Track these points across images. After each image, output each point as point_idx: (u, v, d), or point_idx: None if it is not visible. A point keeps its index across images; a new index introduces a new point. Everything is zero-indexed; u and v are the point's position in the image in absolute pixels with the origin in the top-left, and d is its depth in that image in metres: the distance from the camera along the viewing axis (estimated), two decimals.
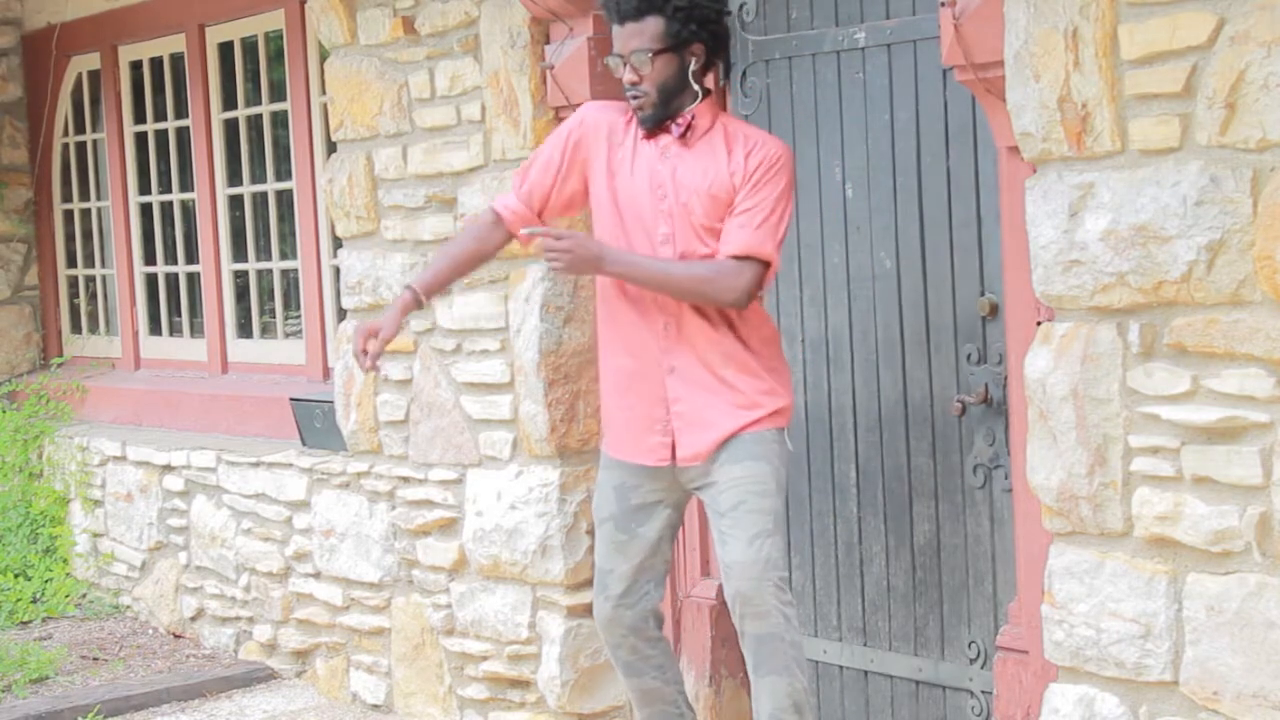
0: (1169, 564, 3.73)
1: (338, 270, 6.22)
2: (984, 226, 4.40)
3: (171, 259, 7.85)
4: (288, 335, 7.17)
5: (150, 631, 7.17)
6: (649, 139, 4.36)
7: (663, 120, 4.32)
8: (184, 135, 7.63)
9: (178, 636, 7.07)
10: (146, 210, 7.99)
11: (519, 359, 5.32)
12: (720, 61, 4.42)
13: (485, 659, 5.53)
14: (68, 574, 7.72)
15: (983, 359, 4.44)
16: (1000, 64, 3.98)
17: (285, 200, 7.06)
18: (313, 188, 6.77)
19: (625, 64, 4.30)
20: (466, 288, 5.48)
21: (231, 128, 7.36)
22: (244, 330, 7.41)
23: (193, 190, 7.55)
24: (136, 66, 7.96)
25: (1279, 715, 3.55)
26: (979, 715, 4.52)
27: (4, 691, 6.30)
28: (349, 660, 6.14)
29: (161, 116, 7.82)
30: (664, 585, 4.51)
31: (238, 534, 6.66)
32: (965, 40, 4.05)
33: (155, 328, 8.01)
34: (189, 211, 7.67)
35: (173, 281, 7.86)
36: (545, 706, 5.37)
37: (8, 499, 7.91)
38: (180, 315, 7.82)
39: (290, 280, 7.11)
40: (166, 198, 7.84)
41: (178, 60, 7.61)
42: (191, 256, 7.68)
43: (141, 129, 7.95)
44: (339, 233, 6.04)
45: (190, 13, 7.41)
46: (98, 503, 7.55)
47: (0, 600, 7.42)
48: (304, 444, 6.40)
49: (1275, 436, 3.53)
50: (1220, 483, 3.62)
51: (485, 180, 5.40)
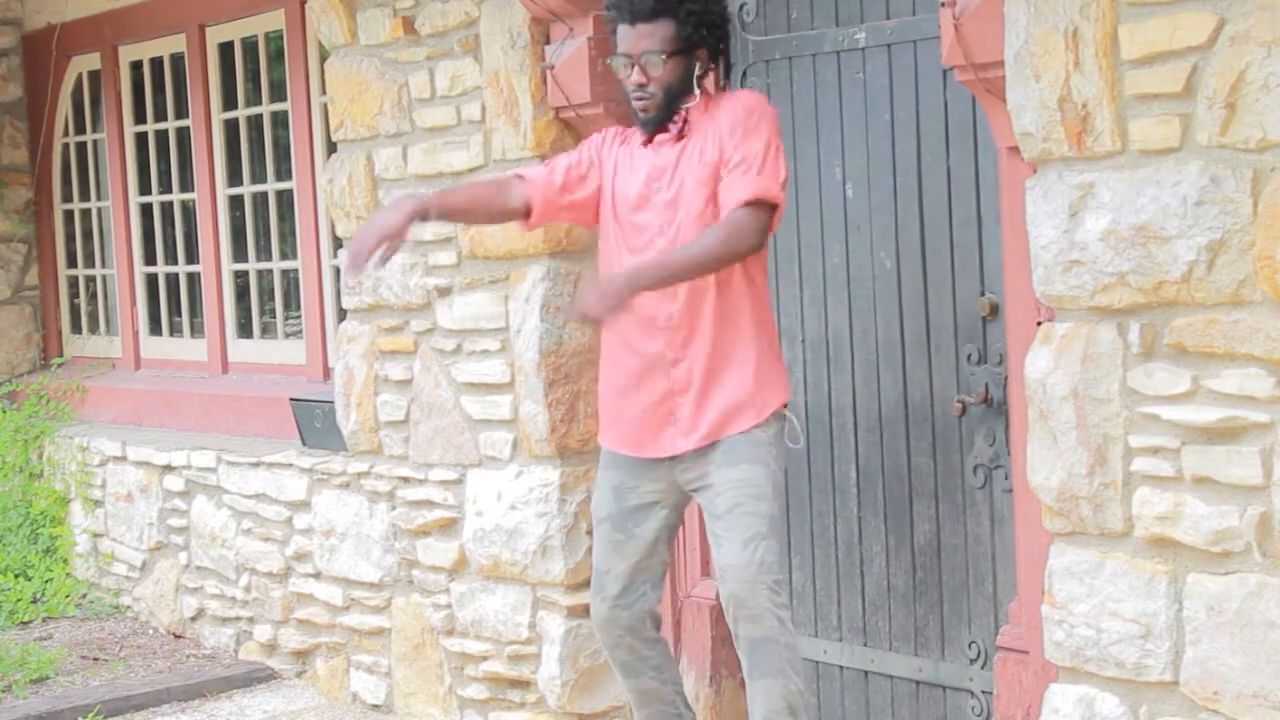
0: (1169, 564, 3.73)
1: (338, 270, 6.22)
2: (984, 226, 4.40)
3: (172, 259, 7.85)
4: (288, 335, 7.17)
5: (150, 631, 7.17)
6: (647, 143, 4.37)
7: (664, 122, 4.33)
8: (184, 135, 7.62)
9: (178, 636, 7.07)
10: (147, 210, 7.99)
11: (519, 359, 5.32)
12: (720, 64, 4.42)
13: (485, 659, 5.53)
14: (68, 574, 7.72)
15: (983, 359, 4.44)
16: (1000, 64, 3.97)
17: (285, 200, 7.06)
18: (313, 188, 6.77)
19: (634, 65, 4.28)
20: (466, 288, 5.48)
21: (232, 128, 7.35)
22: (244, 330, 7.41)
23: (193, 190, 7.55)
24: (137, 66, 7.95)
25: (1279, 715, 3.55)
26: (979, 715, 4.52)
27: (4, 691, 6.30)
28: (349, 660, 6.14)
29: (162, 116, 7.82)
30: (662, 586, 4.51)
31: (238, 534, 6.66)
32: (965, 40, 4.05)
33: (155, 328, 8.01)
34: (189, 211, 7.67)
35: (173, 281, 7.86)
36: (545, 706, 5.37)
37: (8, 499, 7.91)
38: (180, 315, 7.82)
39: (290, 280, 7.11)
40: (167, 198, 7.84)
41: (178, 60, 7.61)
42: (192, 256, 7.68)
43: (142, 129, 7.94)
44: (339, 233, 6.04)
45: (190, 13, 7.41)
46: (98, 503, 7.55)
47: (0, 600, 7.41)
48: (304, 444, 6.40)
49: (1275, 436, 3.53)
50: (1220, 483, 3.62)
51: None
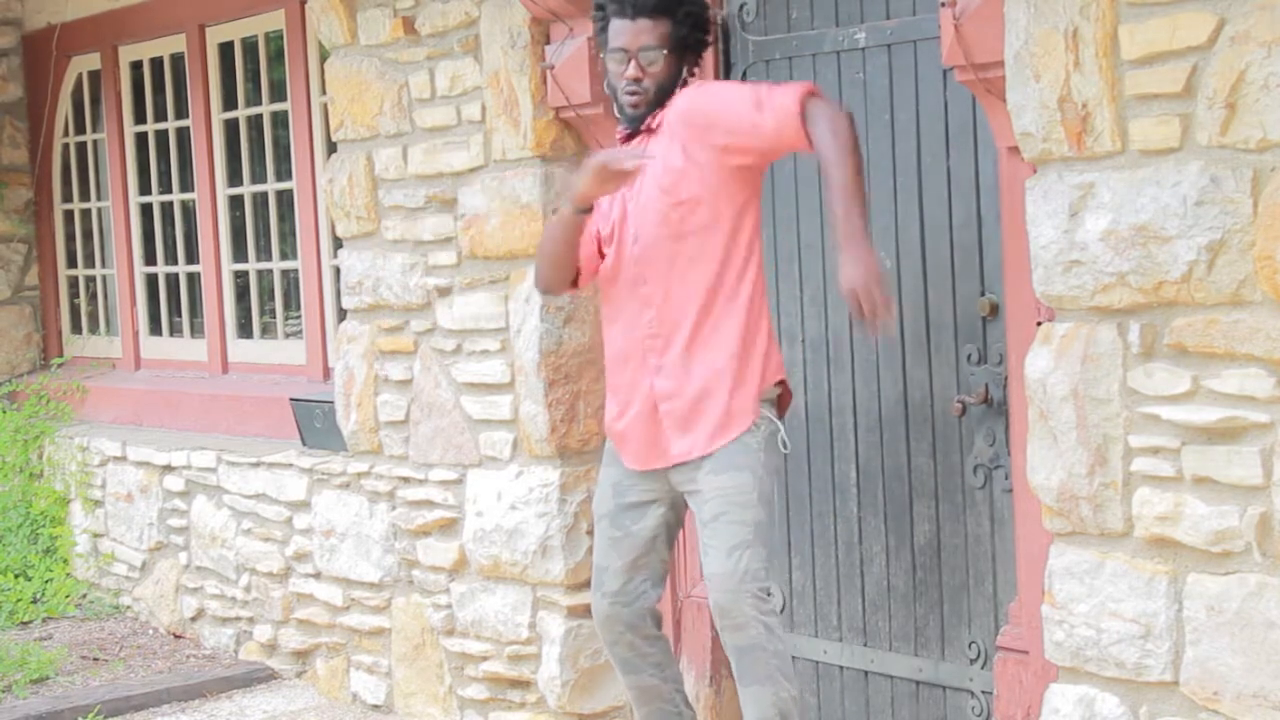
0: (1169, 564, 3.73)
1: (338, 270, 6.22)
2: (984, 226, 4.40)
3: (172, 259, 7.85)
4: (288, 335, 7.17)
5: (150, 632, 7.17)
6: (626, 141, 4.41)
7: (645, 119, 4.37)
8: (184, 135, 7.62)
9: (178, 637, 7.07)
10: (147, 210, 7.99)
11: (519, 359, 5.32)
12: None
13: (485, 659, 5.53)
14: (68, 574, 7.72)
15: (983, 359, 4.44)
16: (1000, 64, 3.97)
17: (285, 200, 7.06)
18: (313, 188, 6.77)
19: (630, 59, 4.32)
20: (466, 288, 5.48)
21: (232, 128, 7.35)
22: (244, 330, 7.41)
23: (193, 190, 7.55)
24: (137, 66, 7.95)
25: (1279, 716, 3.55)
26: (979, 715, 4.52)
27: (4, 692, 6.30)
28: (349, 660, 6.14)
29: (162, 116, 7.82)
30: (662, 585, 4.51)
31: (238, 534, 6.66)
32: (965, 40, 4.05)
33: (155, 328, 8.00)
34: (189, 211, 7.67)
35: (173, 281, 7.86)
36: (545, 707, 5.37)
37: (8, 499, 7.91)
38: (180, 315, 7.82)
39: (290, 280, 7.11)
40: (167, 198, 7.84)
41: (178, 60, 7.61)
42: (192, 256, 7.68)
43: (142, 129, 7.94)
44: (339, 233, 6.04)
45: (190, 13, 7.41)
46: (98, 503, 7.55)
47: (0, 600, 7.41)
48: (304, 444, 6.40)
49: (1275, 437, 3.53)
50: (1220, 483, 3.62)
51: (485, 180, 5.40)
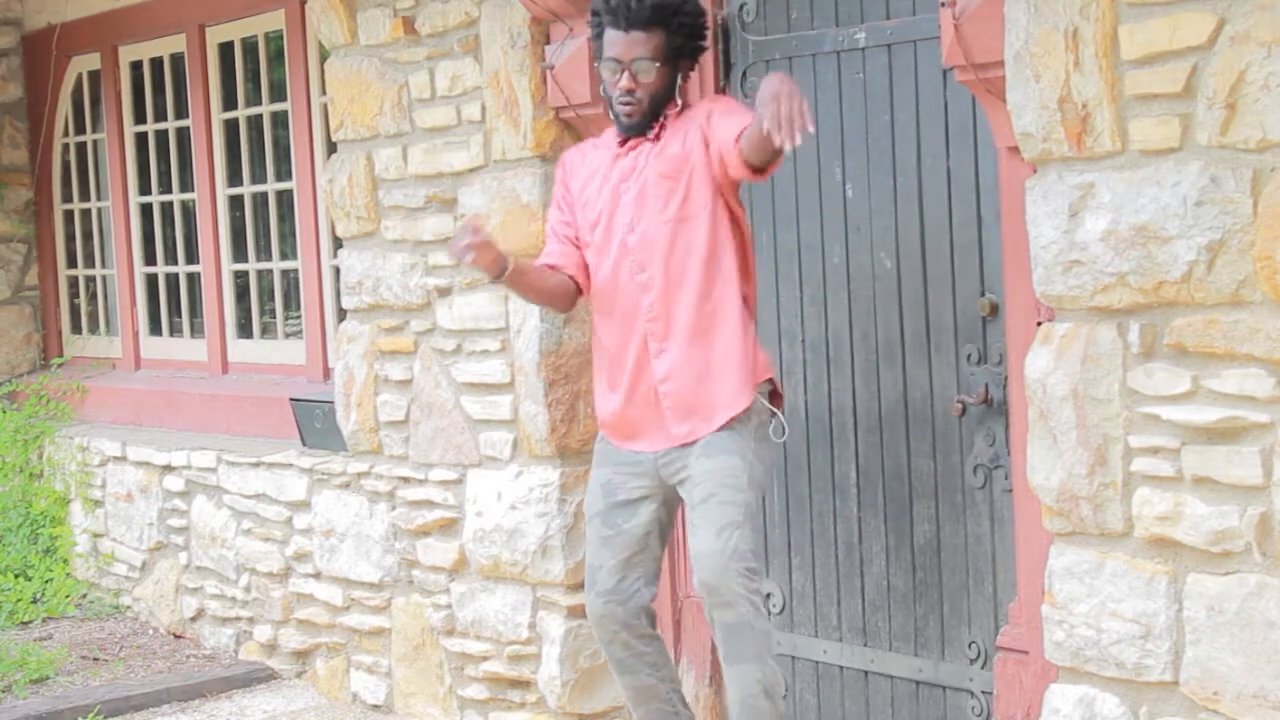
0: (1169, 564, 3.73)
1: (338, 270, 6.22)
2: (984, 226, 4.40)
3: (171, 259, 7.85)
4: (288, 335, 7.17)
5: (150, 632, 7.17)
6: (623, 146, 4.45)
7: (644, 129, 4.42)
8: (184, 135, 7.62)
9: (178, 637, 7.07)
10: (146, 210, 7.99)
11: (519, 359, 5.32)
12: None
13: (485, 659, 5.53)
14: (68, 574, 7.72)
15: (983, 359, 4.44)
16: (1000, 64, 3.97)
17: (285, 200, 7.06)
18: (313, 188, 6.77)
19: (624, 70, 4.37)
20: (466, 288, 5.48)
21: (231, 128, 7.35)
22: (244, 330, 7.40)
23: (193, 190, 7.55)
24: (136, 67, 7.95)
25: (1279, 716, 3.55)
26: (979, 715, 4.52)
27: (4, 692, 6.30)
28: (349, 660, 6.14)
29: (161, 117, 7.82)
30: (656, 583, 4.52)
31: (238, 534, 6.66)
32: (965, 40, 4.05)
33: (155, 328, 8.00)
34: (189, 211, 7.67)
35: (173, 281, 7.86)
36: (545, 707, 5.37)
37: (8, 499, 7.91)
38: (180, 315, 7.81)
39: (290, 280, 7.10)
40: (167, 198, 7.84)
41: (178, 60, 7.61)
42: (191, 256, 7.68)
43: (142, 129, 7.94)
44: (339, 233, 6.04)
45: (190, 13, 7.40)
46: (98, 503, 7.55)
47: (0, 600, 7.41)
48: (304, 444, 6.40)
49: (1275, 437, 3.53)
50: (1220, 483, 3.62)
51: (485, 180, 5.40)
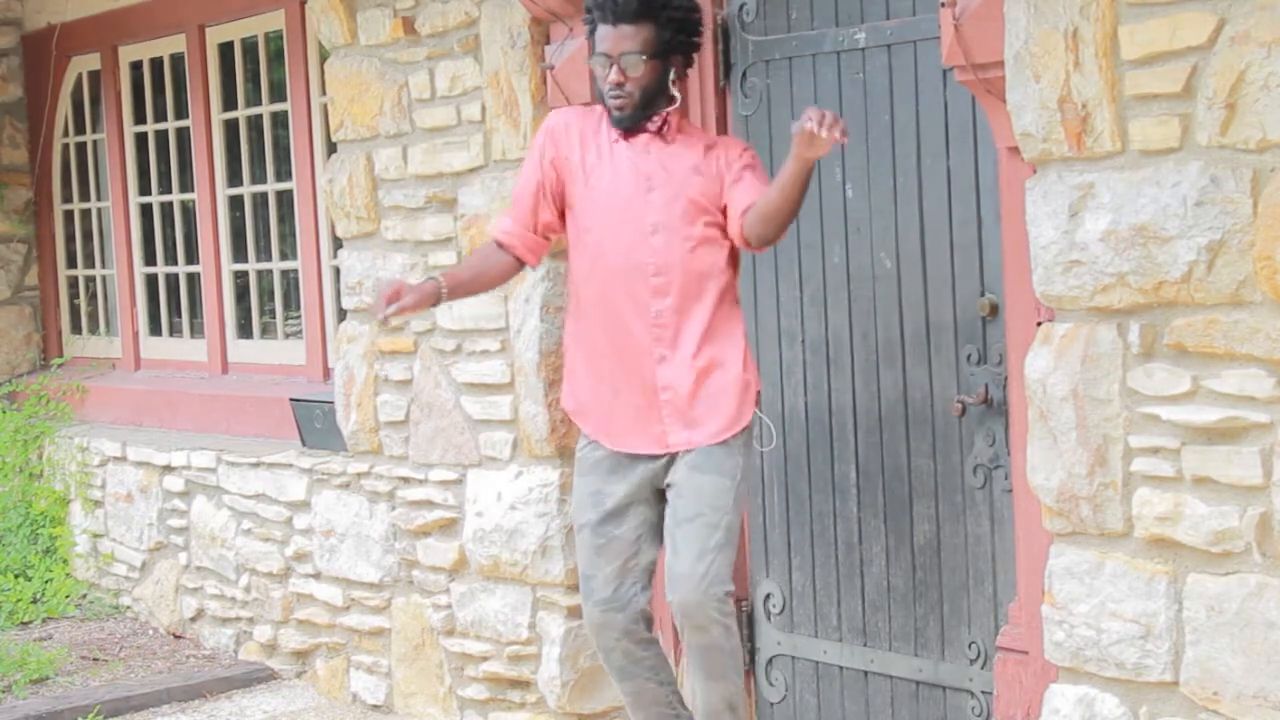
0: (1169, 564, 3.73)
1: (338, 270, 6.22)
2: (984, 226, 4.40)
3: (171, 259, 7.85)
4: (288, 335, 7.17)
5: (150, 632, 7.17)
6: (625, 139, 4.46)
7: (639, 122, 4.43)
8: (184, 135, 7.62)
9: (178, 637, 7.07)
10: (146, 210, 7.99)
11: (519, 359, 5.32)
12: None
13: (485, 659, 5.53)
14: (68, 574, 7.71)
15: (983, 359, 4.44)
16: (1000, 64, 3.97)
17: (285, 200, 7.06)
18: (313, 188, 6.77)
19: (613, 65, 4.39)
20: None
21: (231, 128, 7.35)
22: (244, 330, 7.40)
23: (193, 191, 7.55)
24: (136, 67, 7.95)
25: (1279, 716, 3.55)
26: (979, 715, 4.52)
27: (4, 692, 6.30)
28: (349, 660, 6.14)
29: (161, 117, 7.82)
30: (651, 587, 4.52)
31: (238, 534, 6.66)
32: (965, 40, 4.05)
33: (155, 328, 8.00)
34: (189, 212, 7.67)
35: (173, 282, 7.86)
36: (545, 707, 5.37)
37: (8, 499, 7.91)
38: (180, 315, 7.81)
39: (290, 280, 7.11)
40: (166, 198, 7.84)
41: (178, 60, 7.61)
42: (191, 257, 7.68)
43: (141, 129, 7.94)
44: (339, 233, 6.04)
45: (190, 13, 7.40)
46: (98, 503, 7.55)
47: (0, 600, 7.41)
48: (304, 444, 6.40)
49: (1275, 437, 3.53)
50: (1220, 483, 3.62)
51: (485, 180, 5.40)
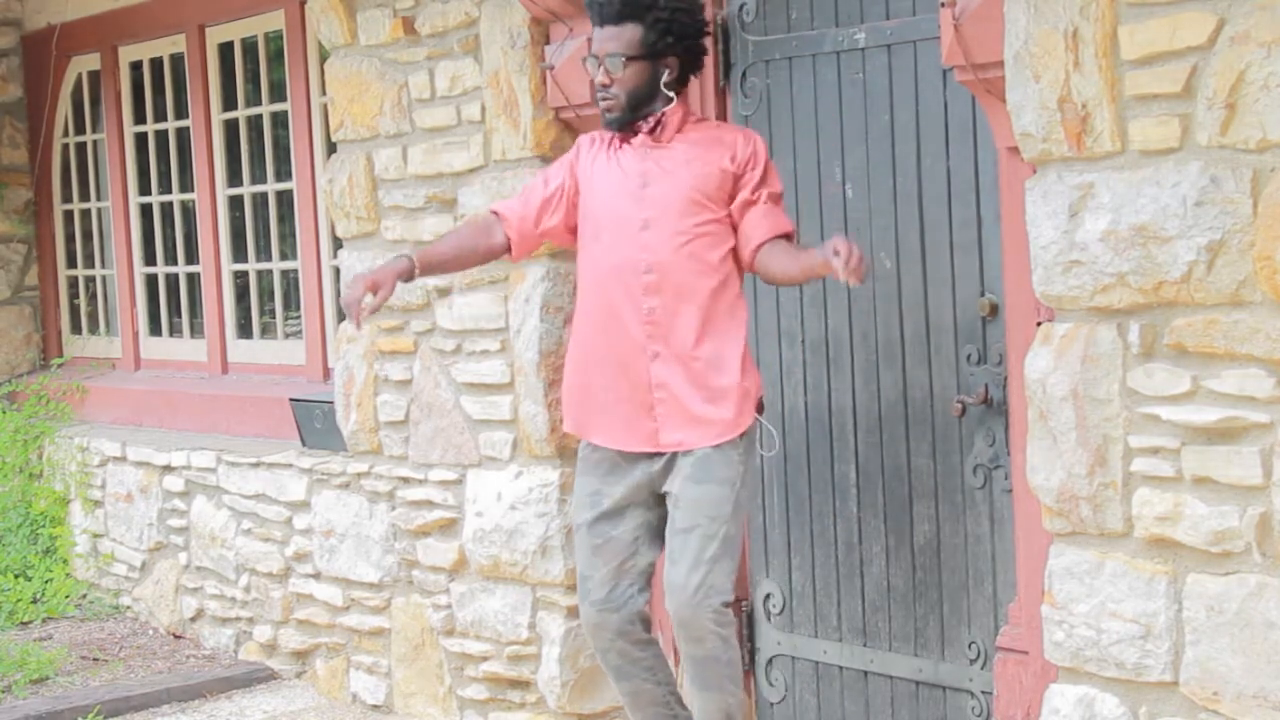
0: (1169, 564, 3.73)
1: (338, 270, 6.22)
2: (984, 226, 4.40)
3: (171, 259, 7.85)
4: (288, 335, 7.17)
5: (150, 632, 7.17)
6: (624, 141, 4.45)
7: (629, 123, 4.42)
8: (184, 136, 7.62)
9: (178, 637, 7.07)
10: (146, 211, 7.99)
11: (519, 359, 5.32)
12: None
13: (485, 659, 5.53)
14: (68, 574, 7.71)
15: (983, 359, 4.44)
16: (1000, 64, 3.97)
17: (285, 200, 7.06)
18: (313, 188, 6.77)
19: (600, 65, 4.38)
20: (467, 288, 5.48)
21: (231, 128, 7.35)
22: (244, 331, 7.40)
23: (193, 191, 7.55)
24: (136, 67, 7.95)
25: (1279, 716, 3.55)
26: (979, 716, 4.52)
27: (4, 692, 6.30)
28: (349, 661, 6.14)
29: (161, 117, 7.82)
30: (649, 588, 4.52)
31: (238, 534, 6.66)
32: (965, 40, 4.05)
33: (155, 328, 8.00)
34: (189, 212, 7.67)
35: (173, 282, 7.86)
36: (545, 707, 5.37)
37: (8, 499, 7.91)
38: (180, 316, 7.81)
39: (290, 280, 7.10)
40: (166, 198, 7.84)
41: (178, 61, 7.61)
42: (191, 257, 7.67)
43: (141, 129, 7.94)
44: (339, 233, 6.04)
45: (190, 13, 7.40)
46: (98, 503, 7.55)
47: (0, 600, 7.41)
48: (304, 444, 6.40)
49: (1275, 437, 3.53)
50: (1220, 483, 3.62)
51: (485, 180, 5.40)
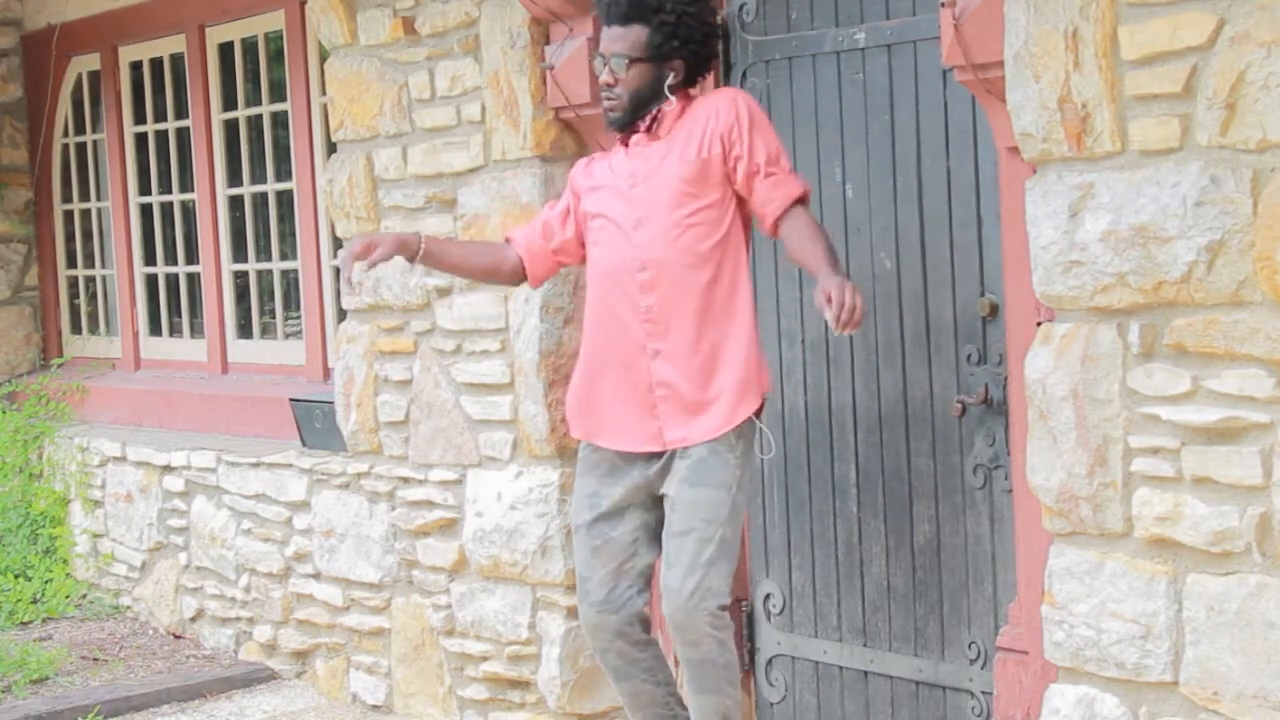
0: (1169, 564, 3.73)
1: (338, 271, 6.22)
2: (984, 226, 4.40)
3: (171, 259, 7.85)
4: (288, 336, 7.17)
5: (150, 632, 7.17)
6: (623, 143, 4.47)
7: (630, 124, 4.43)
8: (184, 136, 7.62)
9: (178, 637, 7.07)
10: (146, 211, 7.99)
11: (519, 359, 5.32)
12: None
13: (485, 659, 5.53)
14: (68, 574, 7.72)
15: (983, 359, 4.44)
16: (1000, 64, 3.97)
17: (285, 200, 7.06)
18: (313, 188, 6.77)
19: (605, 65, 4.40)
20: (467, 288, 5.48)
21: (231, 128, 7.35)
22: (244, 331, 7.40)
23: (193, 191, 7.55)
24: (136, 67, 7.95)
25: (1279, 716, 3.55)
26: (979, 716, 4.52)
27: (4, 692, 6.30)
28: (349, 661, 6.14)
29: (161, 117, 7.82)
30: (648, 589, 4.52)
31: (238, 534, 6.66)
32: (965, 40, 4.05)
33: (155, 328, 8.00)
34: (189, 212, 7.67)
35: (173, 282, 7.86)
36: (545, 707, 5.37)
37: (8, 499, 7.91)
38: (180, 316, 7.81)
39: (290, 280, 7.11)
40: (166, 198, 7.84)
41: (178, 61, 7.61)
42: (191, 257, 7.68)
43: (141, 129, 7.94)
44: (339, 233, 6.05)
45: (190, 13, 7.40)
46: (98, 503, 7.55)
47: (0, 601, 7.42)
48: (304, 444, 6.40)
49: (1275, 437, 3.53)
50: (1220, 483, 3.62)
51: (485, 180, 5.40)
